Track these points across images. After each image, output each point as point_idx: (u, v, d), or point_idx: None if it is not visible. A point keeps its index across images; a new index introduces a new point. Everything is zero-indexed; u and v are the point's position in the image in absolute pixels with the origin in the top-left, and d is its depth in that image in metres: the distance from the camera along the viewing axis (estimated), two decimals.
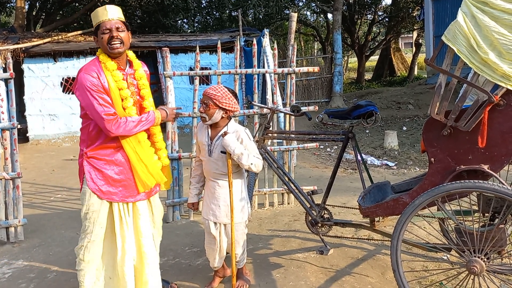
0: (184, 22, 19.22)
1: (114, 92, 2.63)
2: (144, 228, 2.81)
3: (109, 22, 2.62)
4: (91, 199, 2.71)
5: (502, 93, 2.48)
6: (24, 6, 13.71)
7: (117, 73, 2.66)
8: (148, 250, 2.81)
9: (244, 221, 3.09)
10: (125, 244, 2.75)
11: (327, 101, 15.04)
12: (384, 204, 2.90)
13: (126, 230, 2.75)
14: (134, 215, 2.79)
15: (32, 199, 6.03)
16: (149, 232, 2.85)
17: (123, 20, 2.70)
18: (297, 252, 3.72)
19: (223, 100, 2.88)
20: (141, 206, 2.81)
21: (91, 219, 2.72)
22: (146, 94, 2.81)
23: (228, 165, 2.90)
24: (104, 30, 2.62)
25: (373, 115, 3.28)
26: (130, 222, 2.78)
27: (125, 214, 2.76)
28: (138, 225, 2.79)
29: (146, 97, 2.81)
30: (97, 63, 2.67)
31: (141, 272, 2.81)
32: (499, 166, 2.60)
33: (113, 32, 2.61)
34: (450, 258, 3.30)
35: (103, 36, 2.62)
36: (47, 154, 9.45)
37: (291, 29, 8.01)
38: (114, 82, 2.64)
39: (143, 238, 2.80)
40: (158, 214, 2.98)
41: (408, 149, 8.83)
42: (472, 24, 2.42)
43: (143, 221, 2.81)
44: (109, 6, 2.66)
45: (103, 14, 2.63)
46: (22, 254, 4.04)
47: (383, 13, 24.29)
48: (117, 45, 2.62)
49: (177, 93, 11.50)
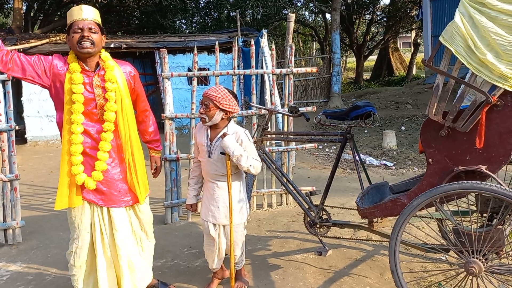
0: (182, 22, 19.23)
1: (66, 93, 2.64)
2: (119, 239, 2.76)
3: (82, 21, 2.59)
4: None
5: (499, 93, 2.48)
6: (22, 7, 13.69)
7: (76, 76, 2.63)
8: (123, 262, 2.78)
9: (243, 222, 3.09)
10: (97, 251, 2.72)
11: (326, 101, 15.05)
12: (382, 205, 2.90)
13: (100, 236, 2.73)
14: (110, 224, 2.76)
15: (30, 200, 6.01)
16: (126, 244, 2.80)
17: (99, 22, 2.67)
18: (295, 253, 3.72)
19: (224, 102, 2.87)
20: (116, 215, 2.75)
21: (76, 224, 2.69)
22: (110, 97, 2.71)
23: (227, 166, 2.90)
24: (76, 29, 2.59)
25: (371, 116, 3.28)
26: (106, 229, 2.74)
27: (99, 219, 2.72)
28: (114, 235, 2.76)
29: (110, 100, 2.71)
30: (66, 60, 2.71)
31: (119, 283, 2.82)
32: (497, 167, 2.60)
33: (84, 32, 2.58)
34: (448, 258, 3.30)
35: (74, 35, 2.59)
36: (45, 156, 9.43)
37: (289, 29, 8.02)
38: (69, 84, 2.63)
39: (120, 250, 2.76)
40: (146, 219, 2.95)
41: (406, 149, 8.84)
42: (470, 24, 2.42)
43: (119, 232, 2.76)
44: (85, 6, 2.64)
45: (77, 13, 2.61)
46: (20, 256, 4.03)
47: (381, 13, 24.32)
48: (87, 45, 2.59)
49: (175, 94, 11.51)
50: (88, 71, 2.68)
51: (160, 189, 5.48)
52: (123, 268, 2.78)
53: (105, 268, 2.75)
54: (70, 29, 2.61)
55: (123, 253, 2.77)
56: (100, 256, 2.73)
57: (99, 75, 2.70)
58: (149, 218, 2.98)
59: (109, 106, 2.71)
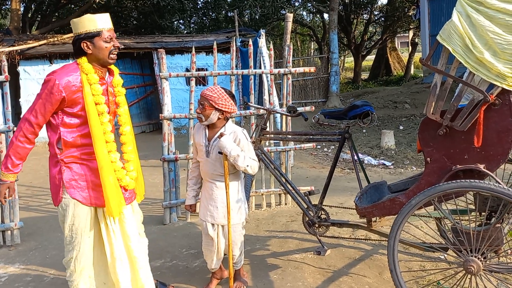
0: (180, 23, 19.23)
1: (90, 105, 2.53)
2: (131, 232, 2.76)
3: (111, 31, 2.57)
4: (77, 209, 2.60)
5: (497, 92, 2.48)
6: (19, 8, 13.67)
7: (97, 87, 2.56)
8: (138, 254, 2.77)
9: (242, 222, 3.09)
10: (114, 251, 2.69)
11: (324, 101, 15.05)
12: (381, 204, 2.90)
13: (113, 236, 2.70)
14: (120, 220, 2.74)
15: (28, 202, 6.01)
16: (137, 236, 2.81)
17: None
18: (294, 253, 3.72)
19: (219, 101, 2.87)
20: (126, 212, 2.75)
21: (78, 230, 2.63)
22: (122, 101, 2.73)
23: (224, 166, 2.90)
24: (107, 38, 2.53)
25: (369, 115, 3.28)
26: (116, 228, 2.71)
27: (110, 221, 2.69)
28: (125, 229, 2.74)
29: (121, 105, 2.73)
30: (77, 70, 2.55)
31: (135, 277, 2.78)
32: (495, 165, 2.60)
33: (116, 42, 2.57)
34: (447, 257, 3.30)
35: (106, 45, 2.53)
36: (43, 157, 9.35)
37: (287, 29, 8.02)
38: (91, 96, 2.54)
39: (131, 242, 2.75)
40: (138, 218, 2.95)
41: (405, 148, 8.84)
42: (467, 23, 2.42)
43: (129, 226, 2.75)
44: (107, 15, 2.60)
45: (106, 21, 2.55)
46: (19, 258, 4.03)
47: (379, 12, 24.35)
48: (116, 55, 2.60)
49: (174, 94, 11.49)
50: (103, 78, 2.65)
51: (159, 189, 5.48)
52: (139, 260, 2.77)
53: (121, 267, 2.72)
54: (96, 37, 2.52)
55: (135, 247, 2.76)
56: (116, 257, 2.70)
57: (110, 81, 2.70)
58: (141, 215, 3.01)
59: (121, 112, 2.74)
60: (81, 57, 2.56)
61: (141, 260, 2.79)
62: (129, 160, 2.78)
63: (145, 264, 2.83)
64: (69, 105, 2.54)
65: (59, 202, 2.62)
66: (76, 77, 2.53)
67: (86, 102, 2.53)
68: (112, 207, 2.59)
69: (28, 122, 2.55)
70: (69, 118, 2.57)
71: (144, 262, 2.82)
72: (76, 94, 2.52)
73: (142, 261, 2.80)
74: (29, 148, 2.58)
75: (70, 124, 2.58)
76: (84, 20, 2.54)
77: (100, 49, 2.53)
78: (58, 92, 2.48)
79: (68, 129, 2.58)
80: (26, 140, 2.56)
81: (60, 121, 2.57)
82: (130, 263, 2.78)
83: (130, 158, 2.79)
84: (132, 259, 2.77)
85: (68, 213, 2.61)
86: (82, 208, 2.62)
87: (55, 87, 2.48)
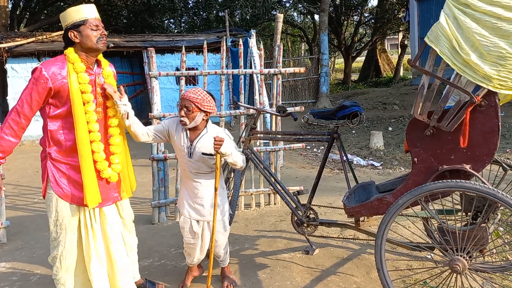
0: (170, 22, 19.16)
1: (75, 94, 2.56)
2: (112, 234, 2.74)
3: (97, 20, 2.63)
4: (59, 204, 2.62)
5: (483, 93, 2.52)
6: (7, 5, 13.51)
7: (84, 76, 2.59)
8: (117, 257, 2.76)
9: (226, 217, 3.11)
10: (90, 250, 2.68)
11: (314, 102, 15.11)
12: (369, 204, 2.92)
13: (92, 236, 2.69)
14: (102, 221, 2.73)
15: (15, 201, 5.94)
16: (119, 239, 2.79)
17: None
18: (283, 252, 3.73)
19: (205, 103, 2.88)
20: (108, 212, 2.74)
21: (62, 226, 2.64)
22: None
23: (216, 163, 2.87)
24: (93, 26, 2.59)
25: (358, 116, 3.31)
26: (97, 228, 2.71)
27: (91, 219, 2.68)
28: (106, 231, 2.73)
29: (111, 97, 2.74)
30: (64, 61, 2.60)
31: (113, 279, 2.78)
32: (481, 166, 2.64)
33: (103, 31, 2.62)
34: (433, 257, 3.34)
35: (94, 33, 2.58)
36: (31, 155, 9.31)
37: (277, 29, 8.04)
38: (78, 84, 2.57)
39: (111, 244, 2.74)
40: (128, 217, 2.95)
41: (393, 149, 8.91)
42: (454, 25, 2.45)
43: (111, 228, 2.74)
44: (92, 5, 2.65)
45: (91, 11, 2.62)
46: (5, 257, 3.98)
47: (369, 14, 24.49)
48: (104, 42, 2.63)
49: (163, 93, 11.46)
50: (91, 69, 2.67)
51: (148, 189, 5.45)
52: (118, 263, 2.76)
53: (98, 267, 2.71)
54: (81, 26, 2.57)
55: (115, 249, 2.75)
56: (92, 257, 2.69)
57: (98, 72, 2.72)
58: (131, 214, 3.00)
59: (110, 104, 2.75)
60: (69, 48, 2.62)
61: (120, 263, 2.77)
62: (115, 153, 2.76)
63: (124, 267, 2.80)
64: (56, 95, 2.56)
65: (44, 193, 2.69)
66: (62, 66, 2.57)
67: (71, 90, 2.55)
68: (87, 197, 2.60)
69: (15, 111, 2.55)
70: (55, 109, 2.59)
71: (123, 265, 2.79)
72: (62, 83, 2.54)
73: (121, 264, 2.78)
74: (13, 142, 2.56)
75: (56, 115, 2.59)
76: (70, 11, 2.61)
77: (87, 37, 2.58)
78: (44, 79, 2.50)
79: (54, 121, 2.60)
80: (11, 133, 2.55)
81: (48, 113, 2.60)
82: (109, 265, 2.76)
83: (117, 151, 2.77)
84: (111, 261, 2.75)
85: (51, 208, 2.65)
86: (65, 204, 2.63)
87: (42, 76, 2.50)
